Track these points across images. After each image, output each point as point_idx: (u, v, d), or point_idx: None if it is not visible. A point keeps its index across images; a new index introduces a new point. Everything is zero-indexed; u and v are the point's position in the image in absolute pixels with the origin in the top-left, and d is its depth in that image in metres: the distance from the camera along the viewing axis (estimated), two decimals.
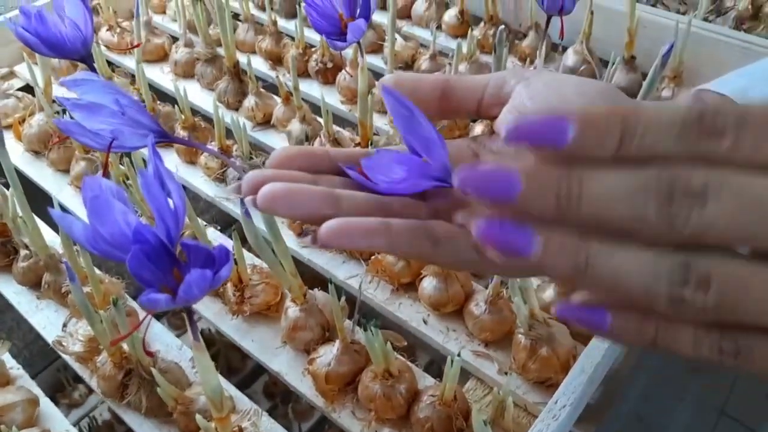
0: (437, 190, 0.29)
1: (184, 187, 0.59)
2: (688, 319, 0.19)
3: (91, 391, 1.13)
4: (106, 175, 0.55)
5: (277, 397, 1.16)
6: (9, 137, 0.77)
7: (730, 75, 0.34)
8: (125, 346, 0.49)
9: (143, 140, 0.34)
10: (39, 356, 1.09)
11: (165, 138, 0.35)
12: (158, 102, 0.77)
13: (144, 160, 0.57)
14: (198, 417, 0.39)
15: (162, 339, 0.56)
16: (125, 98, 0.33)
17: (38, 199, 0.61)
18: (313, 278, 0.59)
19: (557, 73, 0.32)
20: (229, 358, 1.13)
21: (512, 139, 0.19)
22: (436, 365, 1.05)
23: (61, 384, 1.12)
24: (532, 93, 0.31)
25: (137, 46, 0.64)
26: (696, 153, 0.18)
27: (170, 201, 0.28)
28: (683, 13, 0.89)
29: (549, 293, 0.54)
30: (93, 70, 0.42)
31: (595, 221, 0.18)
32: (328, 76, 0.81)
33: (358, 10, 0.46)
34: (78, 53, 0.41)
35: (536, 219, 0.19)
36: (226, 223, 1.03)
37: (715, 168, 0.18)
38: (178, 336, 0.57)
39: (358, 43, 0.48)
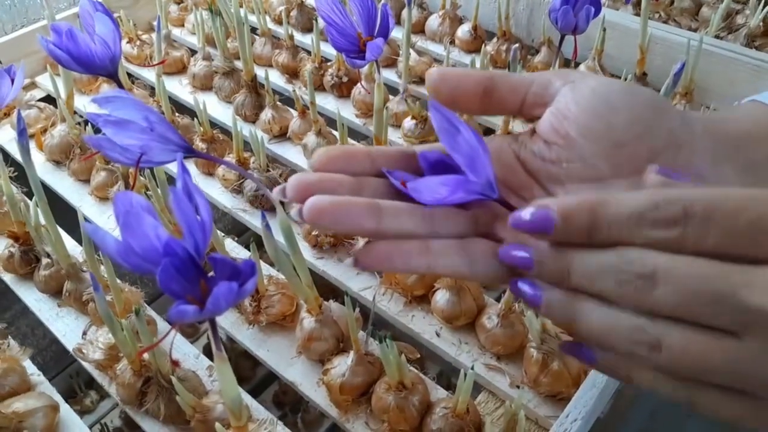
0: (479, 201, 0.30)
1: None
2: (651, 367, 0.23)
3: (102, 397, 1.15)
4: (132, 187, 0.56)
5: (286, 406, 1.17)
6: (30, 147, 0.78)
7: None
8: (145, 355, 0.50)
9: (171, 155, 0.35)
10: (52, 362, 1.10)
11: (191, 154, 0.36)
12: (177, 114, 0.78)
13: (165, 172, 0.58)
14: (218, 425, 0.40)
15: (180, 348, 0.57)
16: (154, 115, 0.35)
17: (58, 208, 0.62)
18: (326, 288, 0.60)
19: (603, 78, 0.32)
20: (239, 367, 1.14)
21: (515, 228, 0.25)
22: (445, 376, 1.06)
23: (72, 390, 1.13)
24: (577, 98, 0.30)
25: (162, 63, 0.65)
26: (651, 239, 0.22)
27: (198, 216, 0.29)
28: (695, 30, 0.90)
29: None
30: (120, 86, 0.43)
31: (582, 289, 0.25)
32: (343, 89, 0.83)
33: (377, 29, 0.47)
34: (106, 70, 0.42)
35: (546, 281, 0.26)
36: (240, 231, 1.04)
37: (666, 254, 0.22)
38: (191, 344, 0.58)
39: (375, 60, 0.49)
